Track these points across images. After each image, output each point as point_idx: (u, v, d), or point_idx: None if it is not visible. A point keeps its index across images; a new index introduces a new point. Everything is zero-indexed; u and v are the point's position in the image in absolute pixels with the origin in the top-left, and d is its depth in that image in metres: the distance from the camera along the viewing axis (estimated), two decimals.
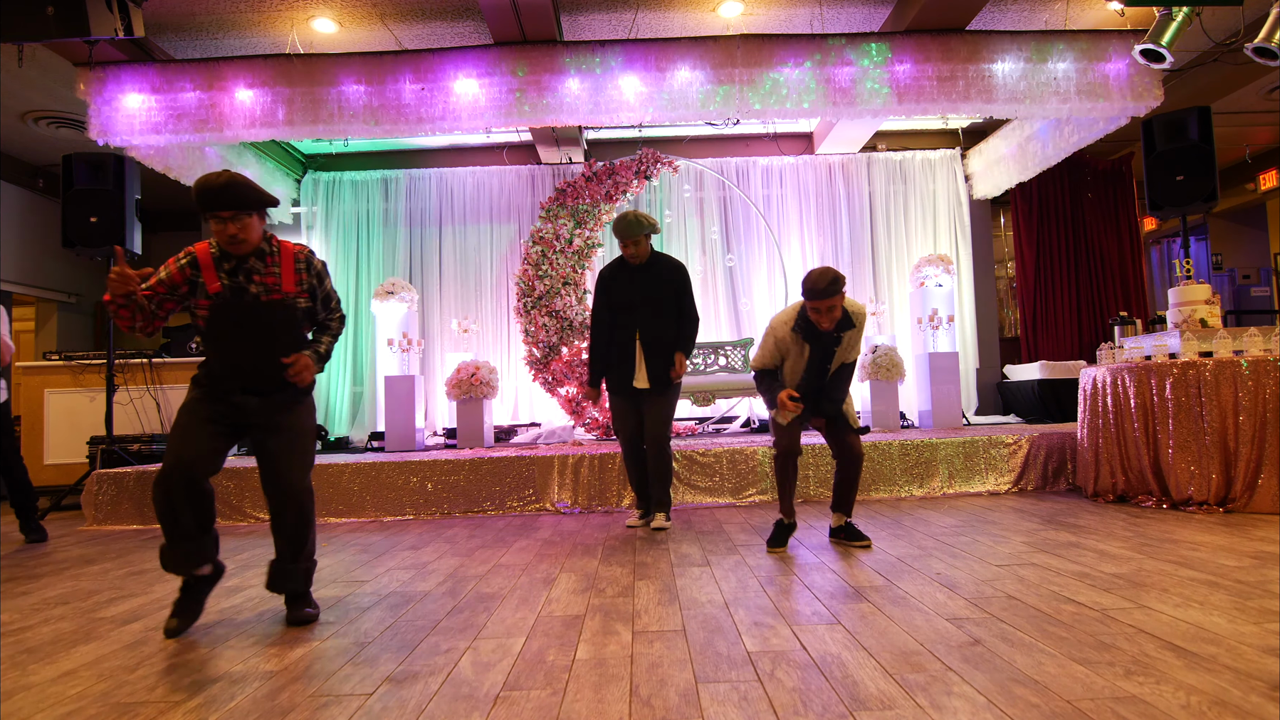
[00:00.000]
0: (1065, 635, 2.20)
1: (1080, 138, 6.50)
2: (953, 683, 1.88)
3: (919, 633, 2.27)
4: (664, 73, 5.61)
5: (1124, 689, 1.80)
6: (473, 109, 5.64)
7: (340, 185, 8.36)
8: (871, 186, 8.32)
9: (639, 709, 1.81)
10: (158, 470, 2.61)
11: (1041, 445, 5.22)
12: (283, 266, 2.64)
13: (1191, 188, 5.46)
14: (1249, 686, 1.79)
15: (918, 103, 5.64)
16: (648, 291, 4.21)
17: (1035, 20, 6.25)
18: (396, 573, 3.38)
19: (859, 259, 8.21)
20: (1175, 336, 4.51)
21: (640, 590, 2.91)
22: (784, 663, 2.07)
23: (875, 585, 2.85)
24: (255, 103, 5.63)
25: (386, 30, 6.13)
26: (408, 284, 7.27)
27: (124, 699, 1.99)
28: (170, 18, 5.80)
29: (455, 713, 1.83)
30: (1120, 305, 8.30)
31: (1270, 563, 2.95)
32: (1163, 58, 5.01)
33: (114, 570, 3.69)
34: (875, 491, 5.10)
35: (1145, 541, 3.45)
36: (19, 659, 2.36)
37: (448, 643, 2.36)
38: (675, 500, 5.05)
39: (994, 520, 4.11)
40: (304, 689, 2.01)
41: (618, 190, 7.66)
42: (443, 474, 5.13)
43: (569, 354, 7.44)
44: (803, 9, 6.10)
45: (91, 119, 5.60)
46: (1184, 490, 4.23)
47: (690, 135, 8.19)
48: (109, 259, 5.72)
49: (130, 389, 6.33)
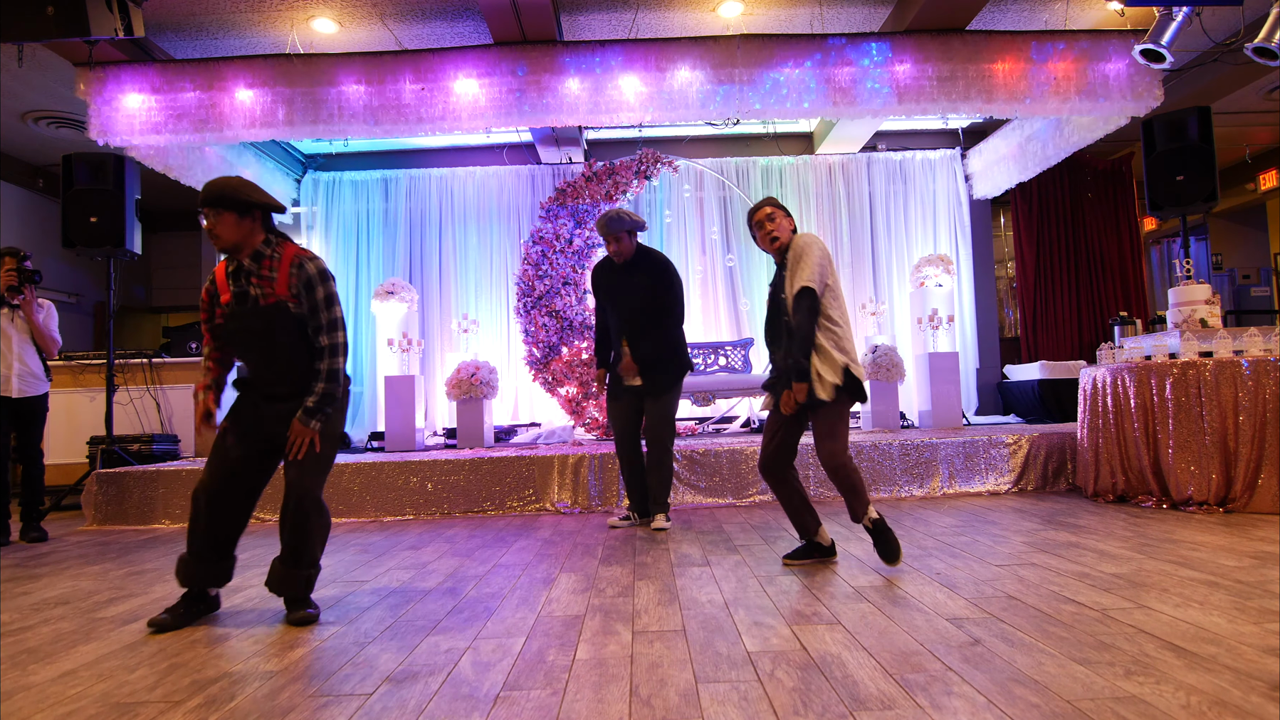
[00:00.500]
0: (1065, 635, 2.20)
1: (1080, 138, 6.50)
2: (953, 683, 1.88)
3: (919, 633, 2.27)
4: (664, 73, 5.61)
5: (1124, 689, 1.80)
6: (473, 109, 5.64)
7: (340, 185, 8.36)
8: (871, 186, 8.32)
9: (639, 709, 1.81)
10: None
11: (1041, 445, 5.22)
12: (280, 270, 2.64)
13: (1191, 188, 5.46)
14: (1249, 686, 1.79)
15: (918, 103, 5.64)
16: (629, 289, 4.19)
17: (1035, 20, 6.25)
18: (396, 573, 3.38)
19: (859, 259, 8.21)
20: (1175, 336, 4.51)
21: (640, 590, 2.91)
22: (784, 663, 2.07)
23: (875, 585, 2.85)
24: (255, 103, 5.63)
25: (386, 30, 6.13)
26: (407, 284, 7.27)
27: (124, 699, 1.99)
28: (170, 18, 5.80)
29: (455, 713, 1.83)
30: (1120, 305, 8.30)
31: (1270, 563, 2.95)
32: (1163, 58, 5.01)
33: (114, 570, 3.69)
34: (875, 491, 5.10)
35: (1145, 541, 3.45)
36: (19, 659, 2.36)
37: (448, 643, 2.36)
38: (675, 500, 5.05)
39: (994, 520, 4.11)
40: (304, 689, 2.01)
41: (618, 190, 7.66)
42: (443, 474, 5.13)
43: (569, 354, 7.44)
44: (803, 9, 6.10)
45: (91, 119, 5.60)
46: (1184, 490, 4.23)
47: (690, 135, 8.19)
48: (109, 259, 5.73)
49: (130, 389, 6.34)
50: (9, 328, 4.63)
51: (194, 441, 6.67)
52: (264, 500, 5.09)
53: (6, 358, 4.59)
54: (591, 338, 7.46)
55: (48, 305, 4.83)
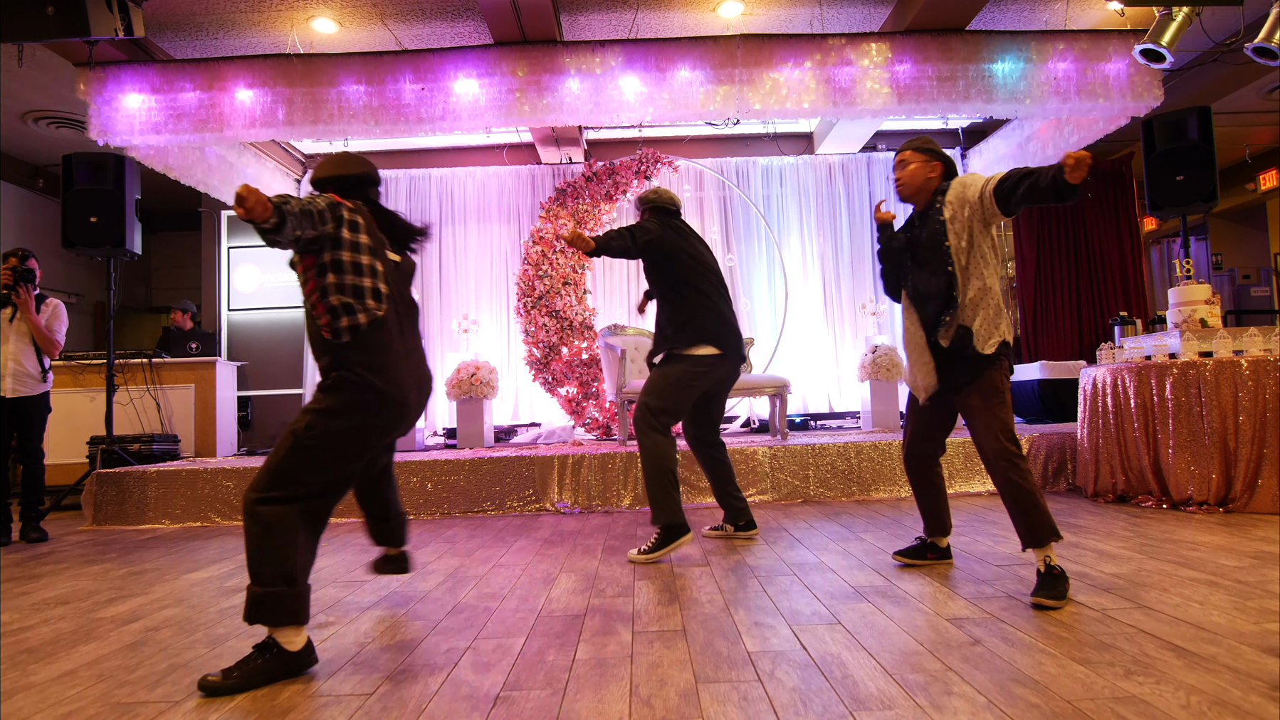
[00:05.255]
0: (1065, 635, 2.20)
1: (1080, 138, 6.50)
2: (953, 683, 1.88)
3: (919, 633, 2.27)
4: (664, 73, 5.61)
5: (1124, 689, 1.80)
6: (473, 109, 5.64)
7: None
8: (871, 186, 8.32)
9: (639, 709, 1.81)
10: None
11: (1041, 445, 5.22)
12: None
13: (1191, 188, 5.46)
14: (1249, 686, 1.79)
15: (918, 103, 5.64)
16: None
17: (1035, 20, 6.25)
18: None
19: (859, 259, 8.21)
20: (1175, 336, 4.51)
21: (640, 590, 2.91)
22: (784, 663, 2.07)
23: (875, 585, 2.85)
24: (255, 103, 5.63)
25: (386, 30, 6.13)
26: None
27: (124, 699, 1.99)
28: (170, 18, 5.80)
29: (455, 713, 1.83)
30: (1120, 305, 8.29)
31: (1270, 563, 2.95)
32: (1163, 58, 5.01)
33: (114, 570, 3.69)
34: (875, 491, 5.11)
35: (1145, 541, 3.45)
36: (19, 659, 2.36)
37: (448, 643, 2.36)
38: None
39: (994, 520, 4.11)
40: (304, 689, 2.01)
41: (618, 190, 7.67)
42: (443, 474, 5.13)
43: (569, 354, 7.44)
44: (803, 9, 6.10)
45: (91, 119, 5.59)
46: (1184, 490, 4.23)
47: (690, 135, 8.18)
48: (109, 259, 5.73)
49: (130, 389, 6.33)
50: (8, 328, 4.63)
51: (194, 441, 6.67)
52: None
53: (2, 357, 4.59)
54: (590, 338, 7.47)
55: (54, 305, 4.81)
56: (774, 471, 5.11)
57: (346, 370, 2.21)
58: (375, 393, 2.22)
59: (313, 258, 2.22)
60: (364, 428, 2.23)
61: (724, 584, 2.96)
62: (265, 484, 2.11)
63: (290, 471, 2.14)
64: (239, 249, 8.44)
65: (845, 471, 5.12)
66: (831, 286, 8.18)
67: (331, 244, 2.21)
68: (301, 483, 2.14)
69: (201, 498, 5.12)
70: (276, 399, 8.31)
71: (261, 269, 8.42)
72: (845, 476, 5.11)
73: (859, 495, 5.10)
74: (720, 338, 3.51)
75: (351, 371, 2.20)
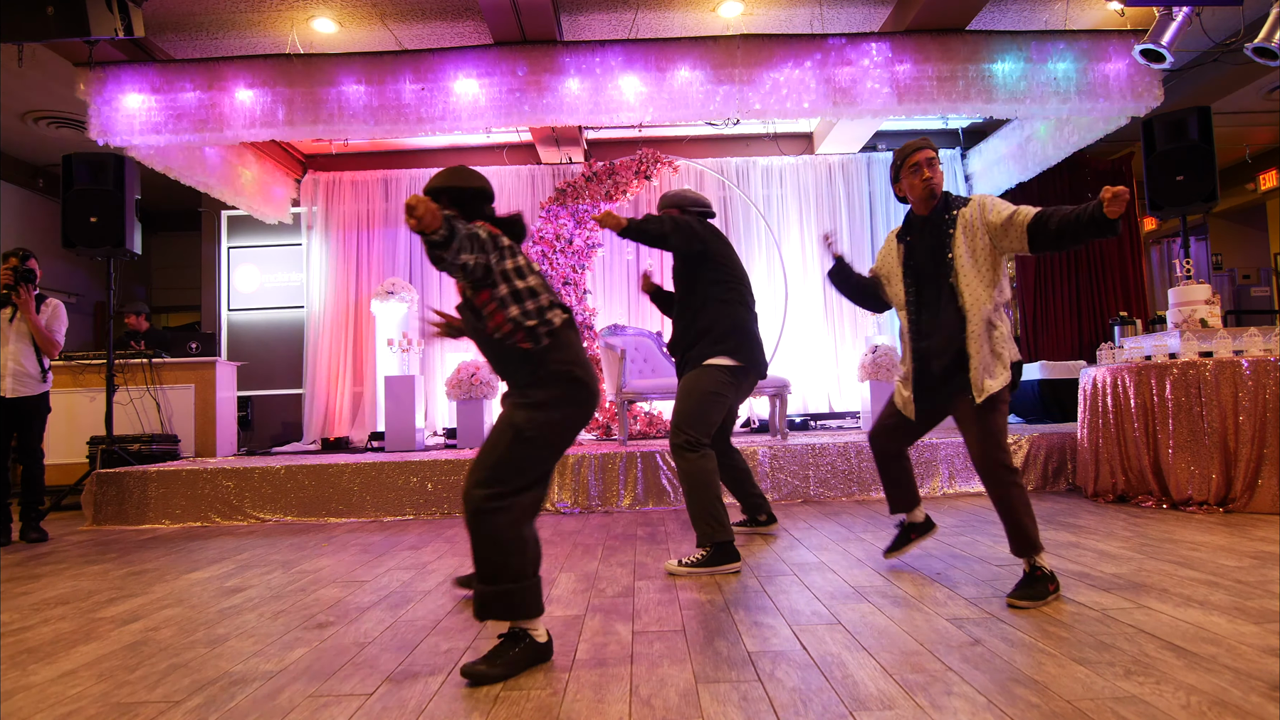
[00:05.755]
0: (1065, 635, 2.20)
1: (1080, 138, 6.50)
2: (953, 683, 1.88)
3: (919, 633, 2.27)
4: (664, 73, 5.61)
5: (1124, 689, 1.80)
6: (473, 109, 5.64)
7: (340, 185, 8.36)
8: (871, 186, 8.32)
9: (639, 709, 1.81)
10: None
11: (1041, 445, 5.22)
12: None
13: (1191, 188, 5.46)
14: (1249, 686, 1.79)
15: (918, 103, 5.64)
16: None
17: (1035, 20, 6.25)
18: (396, 573, 3.38)
19: (859, 259, 8.20)
20: (1175, 336, 4.51)
21: (640, 590, 2.91)
22: (784, 663, 2.07)
23: (875, 585, 2.85)
24: (255, 103, 5.63)
25: (386, 30, 6.13)
26: (407, 284, 7.27)
27: (124, 699, 1.99)
28: (170, 18, 5.80)
29: (455, 713, 1.83)
30: (1120, 305, 8.30)
31: (1270, 563, 2.95)
32: (1163, 58, 5.01)
33: (114, 570, 3.69)
34: (875, 491, 5.10)
35: (1145, 541, 3.45)
36: (19, 659, 2.36)
37: (448, 643, 2.36)
38: (672, 500, 5.03)
39: (994, 520, 4.11)
40: (304, 689, 2.01)
41: (618, 190, 7.67)
42: (443, 474, 5.13)
43: None
44: (803, 9, 6.10)
45: (91, 119, 5.60)
46: (1184, 490, 4.22)
47: (690, 135, 8.19)
48: (109, 259, 5.73)
49: (130, 389, 6.33)
50: (8, 328, 4.63)
51: (194, 441, 6.67)
52: (258, 500, 5.10)
53: (2, 358, 4.59)
54: (591, 338, 7.47)
55: (54, 304, 4.81)
56: (774, 471, 5.11)
57: (555, 366, 2.28)
58: (581, 384, 2.30)
59: (488, 292, 2.27)
60: (575, 417, 2.31)
61: (724, 584, 2.96)
62: (491, 479, 2.16)
63: (516, 463, 2.19)
64: (239, 249, 8.44)
65: (845, 471, 5.12)
66: (831, 286, 8.17)
67: (503, 277, 2.28)
68: (525, 474, 2.20)
69: (201, 498, 5.12)
70: (276, 399, 8.31)
71: (261, 269, 8.42)
72: (845, 476, 5.11)
73: (859, 495, 5.10)
74: (741, 350, 3.44)
75: (561, 366, 2.28)
